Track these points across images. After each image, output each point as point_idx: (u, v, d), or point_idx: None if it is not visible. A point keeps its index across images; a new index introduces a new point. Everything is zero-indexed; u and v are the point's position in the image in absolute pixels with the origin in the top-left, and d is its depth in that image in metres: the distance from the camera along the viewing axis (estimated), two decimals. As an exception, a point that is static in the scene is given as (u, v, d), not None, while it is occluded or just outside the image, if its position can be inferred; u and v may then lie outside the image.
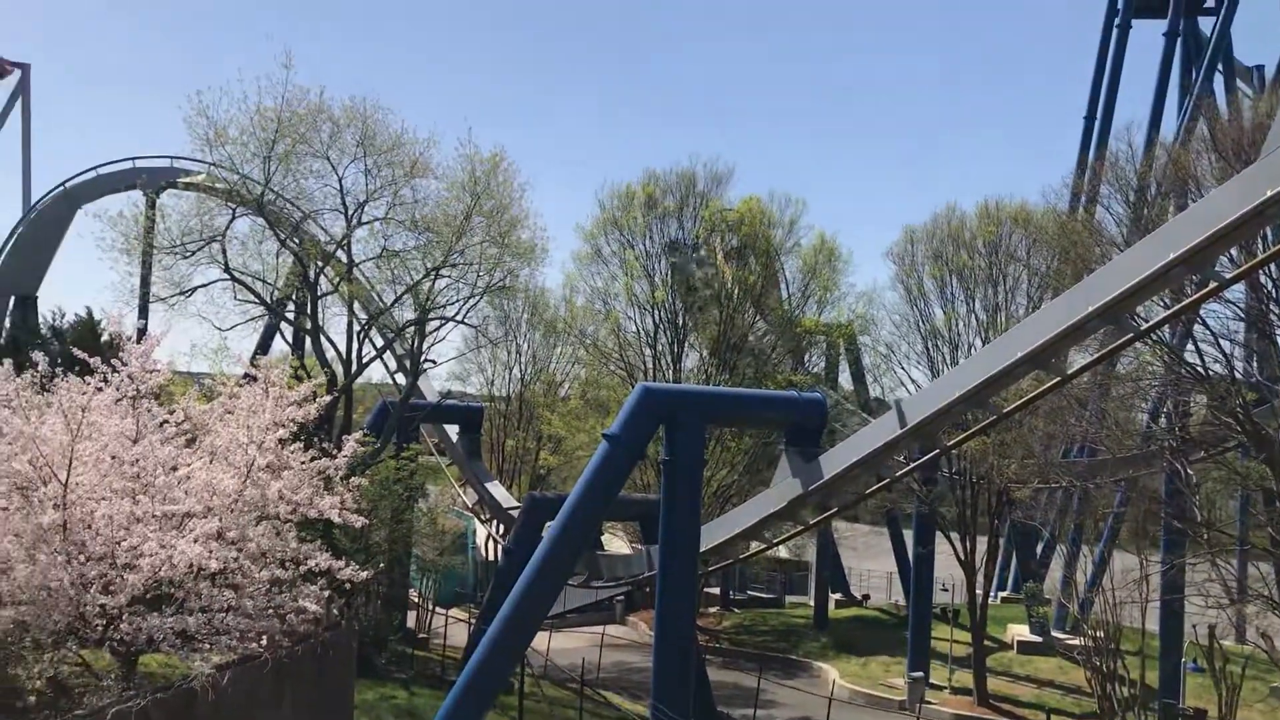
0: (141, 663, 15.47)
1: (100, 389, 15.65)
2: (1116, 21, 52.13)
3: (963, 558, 36.07)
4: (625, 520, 42.03)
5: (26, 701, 13.87)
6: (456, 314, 33.06)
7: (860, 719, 31.43)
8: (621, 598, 47.38)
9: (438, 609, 39.03)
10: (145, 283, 32.46)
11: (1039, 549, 45.14)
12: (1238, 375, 25.23)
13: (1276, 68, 47.39)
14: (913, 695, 33.30)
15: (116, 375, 15.88)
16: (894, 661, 39.13)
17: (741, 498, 35.79)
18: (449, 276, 32.02)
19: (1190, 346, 25.36)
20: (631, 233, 44.24)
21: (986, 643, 36.60)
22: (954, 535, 36.74)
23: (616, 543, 44.97)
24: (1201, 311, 23.29)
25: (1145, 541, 29.11)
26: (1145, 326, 19.55)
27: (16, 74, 63.99)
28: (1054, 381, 20.67)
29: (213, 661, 14.02)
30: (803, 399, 24.87)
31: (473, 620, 34.46)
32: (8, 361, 16.40)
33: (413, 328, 33.57)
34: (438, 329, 33.72)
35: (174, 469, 15.59)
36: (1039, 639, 39.03)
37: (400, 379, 38.98)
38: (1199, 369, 24.91)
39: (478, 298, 33.18)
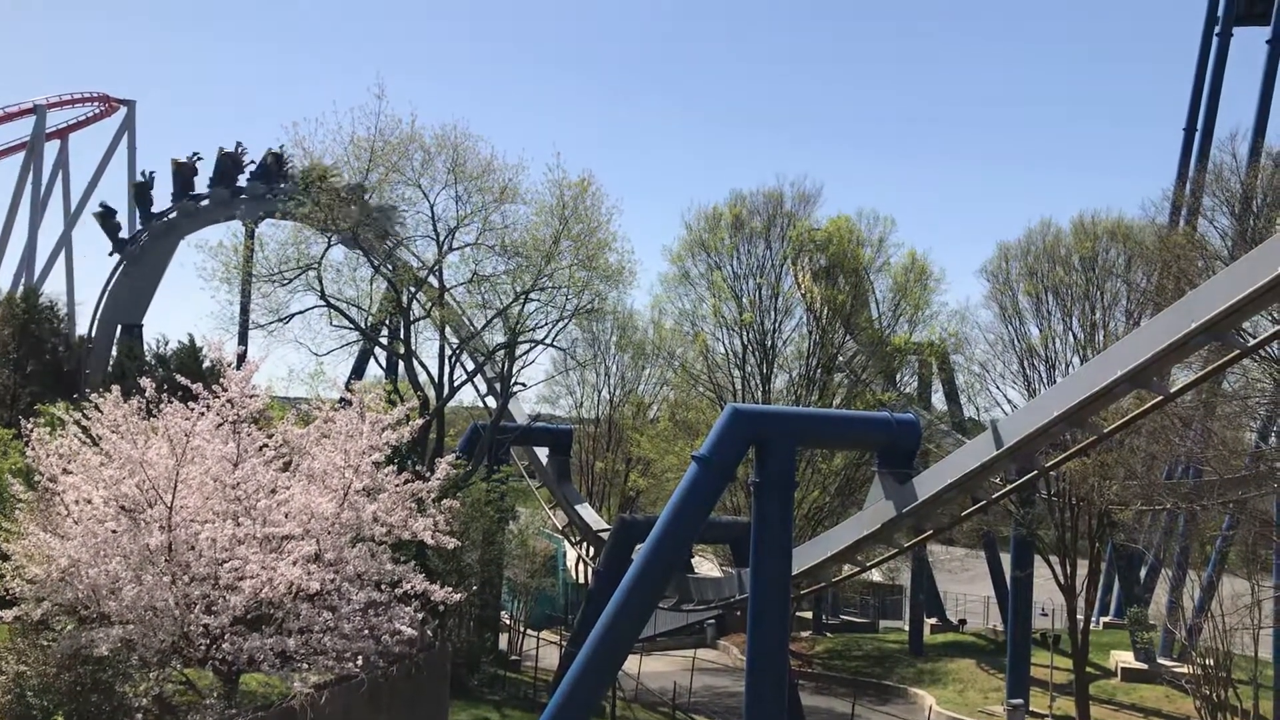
0: (242, 681, 15.81)
1: (203, 414, 16.08)
2: (1216, 30, 50.68)
3: (1063, 582, 35.11)
4: (715, 543, 41.81)
5: (134, 718, 14.25)
6: (545, 337, 33.40)
7: (958, 747, 30.73)
8: (713, 621, 47.08)
9: (529, 631, 39.23)
10: (244, 310, 33.39)
11: (1143, 573, 43.80)
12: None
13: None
14: (1012, 723, 32.47)
15: (218, 400, 16.30)
16: (992, 689, 38.23)
17: (834, 520, 35.36)
18: (538, 300, 32.38)
19: (1301, 363, 24.46)
20: (719, 254, 44.09)
21: (1089, 669, 35.55)
22: (1053, 558, 35.80)
23: (707, 565, 44.75)
24: (1313, 326, 22.44)
25: (1256, 565, 28.06)
26: (1253, 343, 18.85)
27: (122, 111, 66.47)
28: (1156, 400, 20.05)
29: (311, 681, 14.27)
30: (895, 420, 24.45)
31: (564, 643, 34.57)
32: (115, 388, 16.96)
33: (502, 351, 33.93)
34: (527, 352, 34.11)
35: (274, 492, 15.93)
36: (1144, 666, 37.82)
37: (491, 402, 39.38)
38: (1311, 386, 24.01)
39: (566, 320, 33.48)
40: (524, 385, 36.04)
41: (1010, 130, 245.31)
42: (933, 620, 49.90)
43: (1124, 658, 39.42)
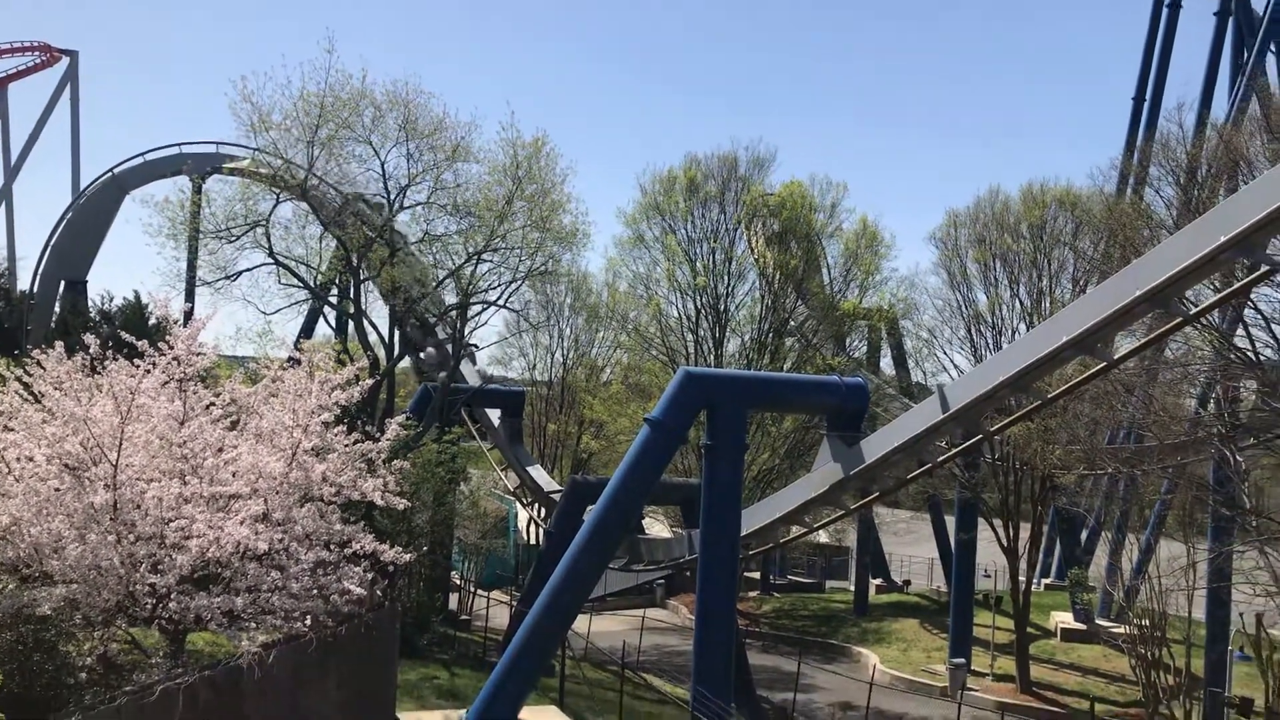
0: (189, 641, 15.74)
1: (148, 372, 15.88)
2: (1166, 1, 51.24)
3: (1005, 544, 35.79)
4: (666, 504, 42.05)
5: (77, 677, 14.16)
6: (498, 298, 33.21)
7: (901, 705, 31.32)
8: (662, 581, 47.47)
9: (479, 591, 39.32)
10: (191, 267, 32.87)
11: (1083, 536, 44.70)
12: (1289, 360, 24.76)
13: (1331, 47, 46.33)
14: (954, 682, 33.13)
15: (164, 358, 16.11)
16: (935, 648, 38.95)
17: (783, 482, 35.69)
18: (490, 261, 32.14)
19: (1240, 331, 24.94)
20: (673, 217, 44.06)
21: (1030, 630, 36.33)
22: (996, 521, 36.47)
23: (657, 527, 45.03)
24: (1253, 295, 22.89)
25: (1192, 529, 28.74)
26: (1195, 311, 19.21)
27: (65, 61, 64.88)
28: (1100, 367, 20.39)
29: (259, 640, 14.23)
30: (844, 384, 24.69)
31: (514, 603, 34.70)
32: (59, 345, 16.70)
33: (455, 312, 33.73)
34: (479, 313, 33.90)
35: (220, 451, 15.80)
36: (1083, 626, 38.71)
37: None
38: (1249, 354, 24.48)
39: (519, 282, 33.30)
40: (476, 346, 35.95)
41: (962, 99, 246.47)
42: (878, 581, 50.66)
43: (1064, 618, 40.30)
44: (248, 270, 31.38)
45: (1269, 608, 28.65)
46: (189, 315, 19.83)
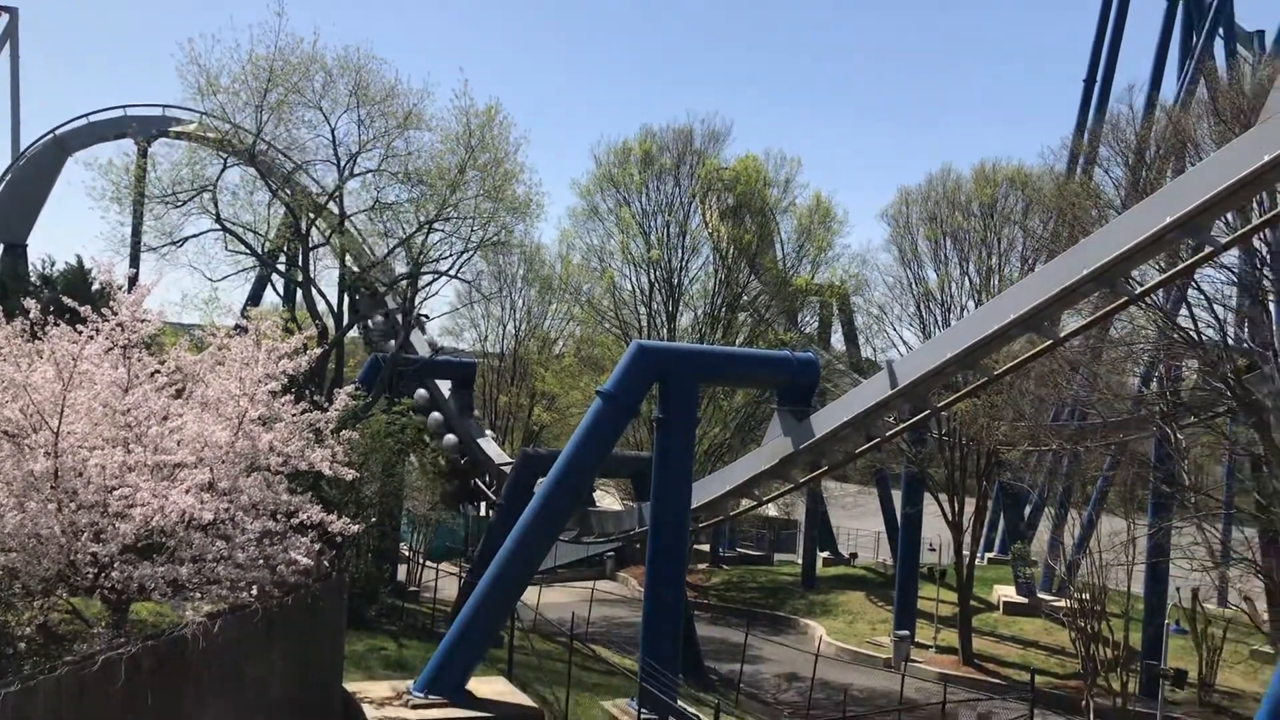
0: (132, 611, 15.56)
1: (91, 338, 15.61)
2: (1118, -17, 51.80)
3: (951, 518, 36.28)
4: (618, 477, 42.16)
5: (16, 647, 13.94)
6: (449, 268, 32.93)
7: (846, 676, 31.70)
8: (612, 553, 47.62)
9: (429, 563, 39.19)
10: (136, 232, 32.27)
11: (1027, 511, 45.42)
12: (1229, 341, 25.26)
13: (1277, 33, 47.08)
14: (898, 653, 33.63)
15: (107, 324, 15.83)
16: (881, 620, 39.46)
17: (733, 456, 35.87)
18: (442, 230, 31.83)
19: (1184, 311, 25.38)
20: (628, 190, 43.88)
21: (973, 603, 36.91)
22: (942, 496, 36.94)
23: (608, 499, 45.12)
24: (1196, 276, 23.31)
25: (1133, 505, 29.33)
26: (1139, 290, 19.49)
27: (4, 18, 63.19)
28: (1046, 344, 20.66)
29: (203, 610, 14.11)
30: (795, 359, 24.80)
31: (463, 574, 34.62)
32: (-3, 309, 16.34)
33: (405, 282, 33.43)
34: (430, 283, 33.61)
35: (165, 419, 15.58)
36: (1025, 600, 39.36)
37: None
38: (1192, 334, 24.93)
39: (471, 252, 33.03)
40: (427, 317, 35.66)
41: (917, 79, 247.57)
42: (825, 554, 51.20)
43: (1006, 592, 40.96)
44: (194, 236, 30.89)
45: (1205, 583, 29.36)
46: (133, 281, 19.44)
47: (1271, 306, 26.68)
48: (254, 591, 15.04)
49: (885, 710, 26.92)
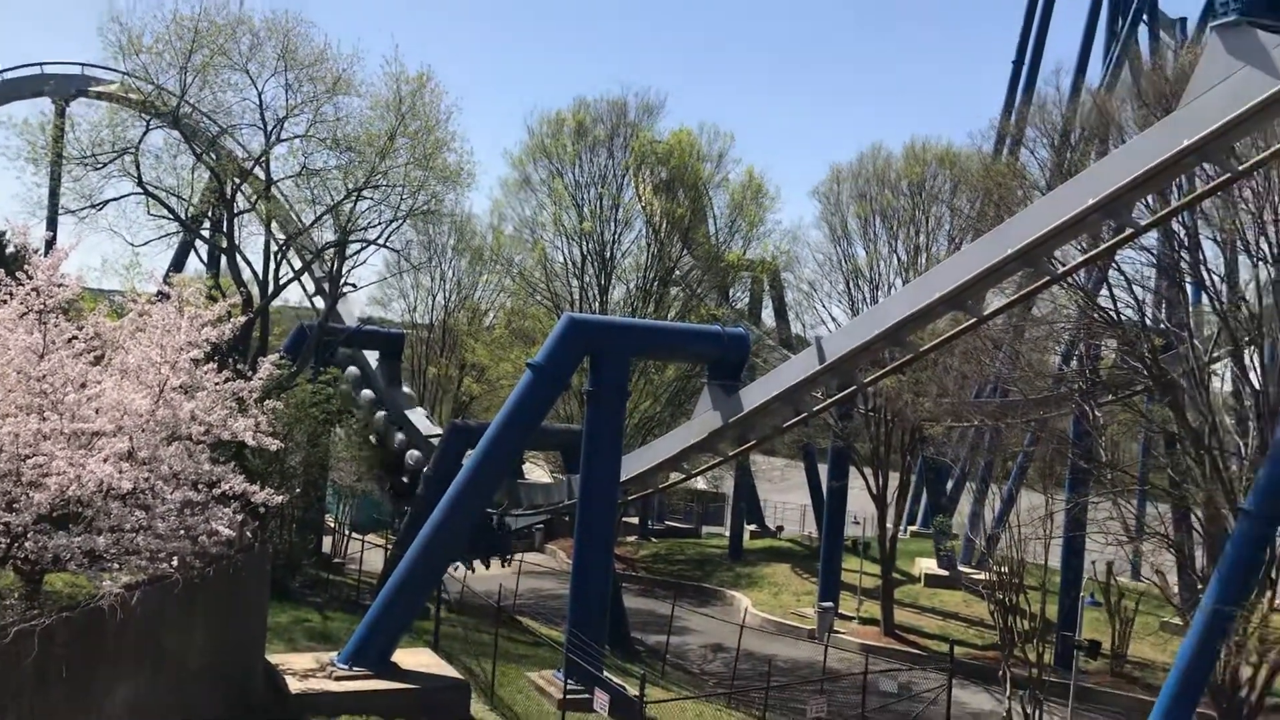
0: (47, 582, 15.20)
1: (4, 302, 15.17)
2: (1048, -35, 52.47)
3: (875, 492, 36.87)
4: (547, 450, 42.05)
5: (-75, 619, 13.54)
6: (378, 237, 32.54)
7: (771, 647, 32.13)
8: (540, 526, 47.56)
9: (354, 534, 38.89)
10: (54, 194, 31.40)
11: (949, 486, 46.29)
12: (1147, 321, 25.88)
13: (1198, 20, 48.11)
14: (822, 625, 34.13)
15: (22, 289, 15.37)
16: (805, 592, 40.02)
17: (664, 429, 36.03)
18: (371, 198, 31.43)
19: (1104, 292, 25.94)
20: (561, 161, 43.59)
21: (895, 575, 37.59)
22: (867, 470, 37.50)
23: (537, 472, 45.04)
24: (1116, 257, 23.81)
25: (1051, 481, 29.96)
26: (1062, 270, 19.88)
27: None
28: (970, 322, 21.00)
29: (121, 581, 13.82)
30: (726, 334, 24.95)
31: (389, 546, 34.40)
32: (-95, 271, 15.78)
33: (332, 250, 32.96)
34: (358, 252, 33.17)
35: (83, 386, 15.19)
36: (946, 573, 40.18)
37: (319, 302, 38.29)
38: (1111, 314, 25.50)
39: (400, 221, 32.68)
40: (354, 286, 35.09)
41: (852, 52, 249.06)
42: (752, 527, 51.75)
43: (928, 564, 41.78)
44: (115, 200, 30.17)
45: (1119, 557, 30.18)
46: (50, 245, 18.91)
47: (1188, 288, 27.41)
48: (174, 563, 14.77)
49: (808, 680, 27.32)
